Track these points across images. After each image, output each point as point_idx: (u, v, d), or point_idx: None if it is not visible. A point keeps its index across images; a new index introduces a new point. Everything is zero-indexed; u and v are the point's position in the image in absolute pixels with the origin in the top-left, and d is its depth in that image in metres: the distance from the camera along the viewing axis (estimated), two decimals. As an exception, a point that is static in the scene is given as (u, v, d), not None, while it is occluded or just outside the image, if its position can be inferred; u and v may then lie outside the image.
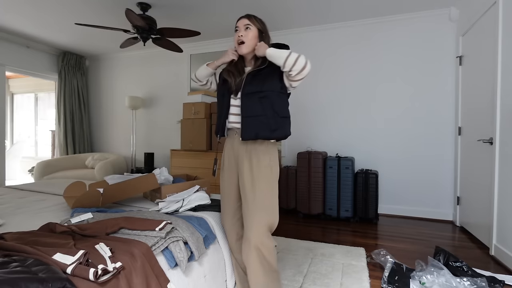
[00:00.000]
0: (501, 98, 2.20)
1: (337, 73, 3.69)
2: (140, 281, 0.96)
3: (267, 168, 1.39)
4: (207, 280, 1.35)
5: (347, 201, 3.20)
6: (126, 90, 4.98)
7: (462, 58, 3.01)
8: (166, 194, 1.74)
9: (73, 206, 1.56)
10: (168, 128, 4.69)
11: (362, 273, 1.94)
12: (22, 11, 3.36)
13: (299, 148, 3.83)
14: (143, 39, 3.12)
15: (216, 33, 4.03)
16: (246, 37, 1.40)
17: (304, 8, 3.24)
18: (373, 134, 3.53)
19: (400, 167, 3.42)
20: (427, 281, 1.68)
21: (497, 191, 2.22)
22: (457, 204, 3.10)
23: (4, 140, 4.15)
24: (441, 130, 3.25)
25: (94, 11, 3.33)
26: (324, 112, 3.74)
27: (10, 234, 1.07)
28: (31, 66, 4.50)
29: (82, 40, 4.37)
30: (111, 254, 0.96)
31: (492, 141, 2.28)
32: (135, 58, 4.89)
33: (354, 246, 2.44)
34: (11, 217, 1.50)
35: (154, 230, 1.17)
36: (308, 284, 1.81)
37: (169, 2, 3.10)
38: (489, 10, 2.41)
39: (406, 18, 3.37)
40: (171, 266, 1.15)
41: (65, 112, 4.80)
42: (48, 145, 5.90)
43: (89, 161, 4.61)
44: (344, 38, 3.65)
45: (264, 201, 1.36)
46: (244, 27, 1.41)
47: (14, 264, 0.82)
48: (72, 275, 0.84)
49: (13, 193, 2.12)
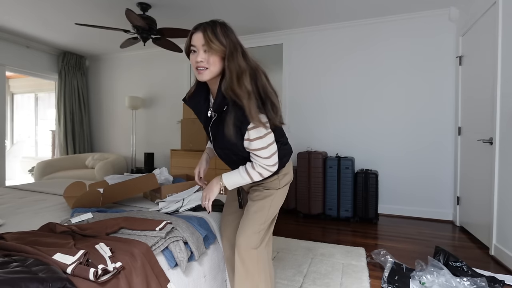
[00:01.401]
0: (501, 98, 2.20)
1: (336, 73, 3.69)
2: (140, 281, 0.96)
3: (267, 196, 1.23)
4: (207, 280, 1.35)
5: (347, 201, 3.20)
6: (126, 90, 4.98)
7: (462, 58, 3.01)
8: (166, 194, 1.74)
9: (73, 206, 1.56)
10: (168, 128, 4.69)
11: (362, 273, 1.94)
12: (22, 11, 3.36)
13: (299, 148, 3.83)
14: (143, 39, 3.12)
15: (216, 33, 4.03)
16: (208, 62, 1.03)
17: (305, 8, 3.24)
18: (373, 134, 3.53)
19: (400, 167, 3.42)
20: (427, 281, 1.68)
21: (497, 191, 2.22)
22: (457, 204, 3.10)
23: (4, 140, 4.15)
24: (441, 130, 3.25)
25: (94, 11, 3.33)
26: (324, 112, 3.75)
27: (10, 234, 1.07)
28: (31, 66, 4.50)
29: (82, 40, 4.37)
30: (111, 254, 0.96)
31: (492, 141, 2.28)
32: (135, 58, 4.89)
33: (354, 246, 2.44)
34: (11, 217, 1.50)
35: (154, 230, 1.17)
36: (308, 284, 1.81)
37: (169, 2, 3.10)
38: (489, 10, 2.41)
39: (406, 18, 3.37)
40: (171, 266, 1.16)
41: (65, 112, 4.80)
42: (48, 145, 5.91)
43: (89, 161, 4.61)
44: (344, 38, 3.65)
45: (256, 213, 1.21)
46: (202, 48, 1.03)
47: (14, 264, 0.82)
48: (72, 275, 0.84)
49: (13, 193, 2.12)
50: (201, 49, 1.03)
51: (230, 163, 1.23)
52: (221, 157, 1.22)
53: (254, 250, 1.17)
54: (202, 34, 1.02)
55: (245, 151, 1.11)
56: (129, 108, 4.58)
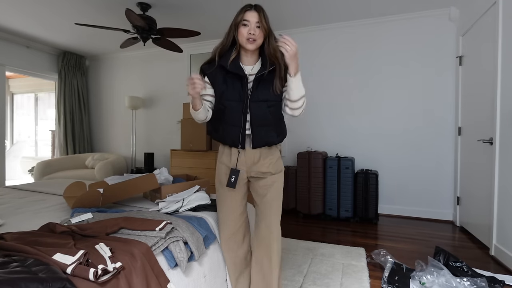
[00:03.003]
0: (501, 98, 2.20)
1: (336, 73, 3.69)
2: (140, 281, 0.96)
3: (279, 168, 1.44)
4: (207, 280, 1.35)
5: (347, 201, 3.20)
6: (126, 90, 4.98)
7: (462, 58, 3.01)
8: (166, 194, 1.74)
9: (73, 206, 1.56)
10: (168, 128, 4.69)
11: (362, 273, 1.94)
12: (22, 11, 3.36)
13: (299, 148, 3.83)
14: (143, 39, 3.12)
15: (216, 33, 4.03)
16: (257, 34, 1.27)
17: (305, 8, 3.24)
18: (373, 134, 3.53)
19: (400, 167, 3.42)
20: (427, 281, 1.68)
21: (497, 191, 2.22)
22: (457, 204, 3.10)
23: (4, 140, 4.15)
24: (441, 130, 3.25)
25: (94, 11, 3.33)
26: (324, 112, 3.74)
27: (10, 234, 1.07)
28: (31, 66, 4.50)
29: (82, 40, 4.37)
30: (111, 254, 0.96)
31: (492, 141, 2.28)
32: (135, 58, 4.89)
33: (354, 246, 2.44)
34: (11, 217, 1.50)
35: (154, 230, 1.17)
36: (308, 284, 1.81)
37: (169, 2, 3.10)
38: (489, 10, 2.41)
39: (406, 18, 3.37)
40: (171, 266, 1.15)
41: (65, 112, 4.80)
42: (48, 145, 5.90)
43: (89, 161, 4.61)
44: (344, 38, 3.65)
45: (279, 199, 1.45)
46: (255, 24, 1.27)
47: (14, 264, 0.82)
48: (72, 275, 0.84)
49: (13, 193, 2.12)
50: (255, 24, 1.27)
51: (257, 116, 1.33)
52: (251, 111, 1.32)
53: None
54: (258, 13, 1.27)
55: (278, 102, 1.36)
56: (129, 108, 4.58)
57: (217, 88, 1.35)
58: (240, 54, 1.35)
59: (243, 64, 1.36)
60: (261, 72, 1.31)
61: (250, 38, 1.27)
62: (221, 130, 1.37)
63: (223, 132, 1.36)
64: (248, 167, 1.38)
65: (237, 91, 1.32)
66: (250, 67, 1.36)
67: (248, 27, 1.27)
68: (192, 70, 4.49)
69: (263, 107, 1.32)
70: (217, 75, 1.34)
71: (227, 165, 1.41)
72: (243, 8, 1.29)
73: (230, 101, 1.32)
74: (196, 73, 1.30)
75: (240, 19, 1.28)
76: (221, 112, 1.35)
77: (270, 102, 1.33)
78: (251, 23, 1.26)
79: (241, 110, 1.31)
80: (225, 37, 1.34)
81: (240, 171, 1.38)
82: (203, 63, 1.39)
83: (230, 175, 1.36)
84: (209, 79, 1.36)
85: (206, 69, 1.37)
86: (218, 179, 1.45)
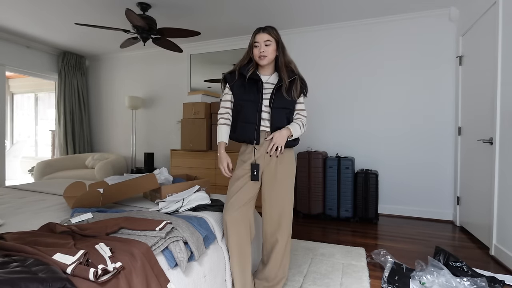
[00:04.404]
0: (501, 98, 2.20)
1: (336, 73, 3.69)
2: (140, 281, 0.96)
3: (292, 168, 1.64)
4: (207, 280, 1.35)
5: (347, 201, 3.20)
6: (126, 90, 4.98)
7: (462, 58, 3.01)
8: (166, 194, 1.74)
9: (73, 206, 1.56)
10: (168, 128, 4.69)
11: (362, 273, 1.94)
12: (22, 11, 3.36)
13: (299, 148, 3.82)
14: (143, 39, 3.12)
15: (216, 33, 4.03)
16: (267, 52, 1.51)
17: (304, 8, 3.24)
18: (373, 134, 3.53)
19: (400, 167, 3.42)
20: (427, 281, 1.68)
21: (497, 191, 2.22)
22: (457, 204, 3.10)
23: (4, 140, 4.15)
24: (441, 130, 3.25)
25: (94, 11, 3.33)
26: (324, 112, 3.74)
27: (10, 234, 1.07)
28: (31, 66, 4.50)
29: (82, 40, 4.37)
30: (111, 254, 0.96)
31: (492, 141, 2.28)
32: (135, 58, 4.89)
33: (354, 246, 2.44)
34: (11, 217, 1.50)
35: (154, 230, 1.17)
36: (308, 284, 1.81)
37: (169, 2, 3.10)
38: (489, 10, 2.41)
39: (406, 18, 3.37)
40: (171, 266, 1.15)
41: (65, 112, 4.80)
42: (48, 145, 5.90)
43: (89, 161, 4.61)
44: (344, 38, 3.65)
45: (290, 194, 1.64)
46: (264, 44, 1.51)
47: (14, 264, 0.82)
48: (72, 275, 0.84)
49: (13, 193, 2.12)
50: (264, 43, 1.51)
51: (276, 117, 1.54)
52: (272, 115, 1.53)
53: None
54: (266, 34, 1.52)
55: (293, 109, 1.62)
56: (129, 108, 4.58)
57: (236, 91, 1.58)
58: (258, 68, 1.60)
59: (260, 74, 1.60)
60: (280, 83, 1.53)
61: (261, 56, 1.51)
62: (238, 128, 1.57)
63: (240, 130, 1.56)
64: (265, 163, 1.56)
65: (252, 93, 1.54)
66: (266, 77, 1.59)
67: (258, 47, 1.52)
68: (192, 70, 4.49)
69: (282, 113, 1.55)
70: (237, 81, 1.58)
71: (246, 161, 1.56)
72: (254, 31, 1.56)
73: (246, 101, 1.54)
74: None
75: (252, 42, 1.55)
76: (237, 111, 1.58)
77: (287, 110, 1.57)
78: (260, 44, 1.51)
79: (256, 109, 1.52)
80: (244, 55, 1.59)
81: (260, 164, 1.54)
82: (227, 72, 1.65)
83: (251, 170, 1.52)
84: (229, 83, 1.61)
85: (228, 77, 1.62)
86: (235, 176, 1.58)
